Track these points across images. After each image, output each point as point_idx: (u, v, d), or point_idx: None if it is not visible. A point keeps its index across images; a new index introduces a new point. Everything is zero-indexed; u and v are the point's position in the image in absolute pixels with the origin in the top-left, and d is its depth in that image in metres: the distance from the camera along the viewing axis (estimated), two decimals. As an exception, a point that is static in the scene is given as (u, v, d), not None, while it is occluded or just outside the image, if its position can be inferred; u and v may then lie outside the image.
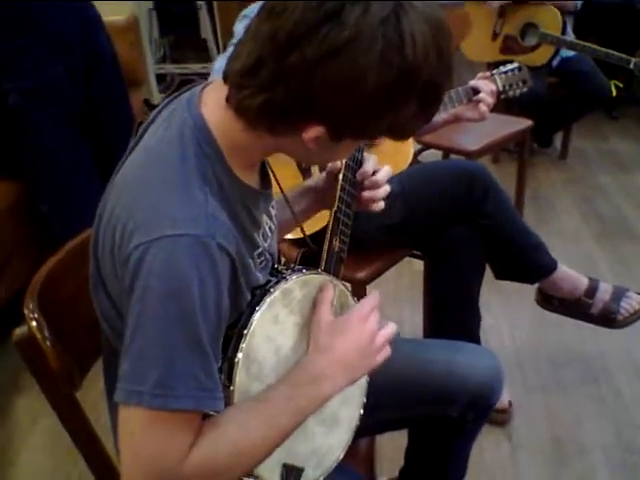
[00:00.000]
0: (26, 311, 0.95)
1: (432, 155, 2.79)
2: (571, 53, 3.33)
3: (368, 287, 1.76)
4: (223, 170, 0.86)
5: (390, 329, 0.97)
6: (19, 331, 0.94)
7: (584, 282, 1.89)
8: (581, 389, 2.11)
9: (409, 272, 2.55)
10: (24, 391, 2.20)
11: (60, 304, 1.01)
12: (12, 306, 2.35)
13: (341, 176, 1.14)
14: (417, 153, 2.60)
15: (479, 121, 1.81)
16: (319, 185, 1.22)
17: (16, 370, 2.23)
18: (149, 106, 0.81)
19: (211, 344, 0.80)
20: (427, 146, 2.71)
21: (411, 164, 1.83)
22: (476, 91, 1.79)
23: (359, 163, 1.18)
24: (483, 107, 1.77)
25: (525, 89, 1.91)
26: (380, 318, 0.97)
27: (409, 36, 0.76)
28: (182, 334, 0.78)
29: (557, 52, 3.27)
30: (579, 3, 3.27)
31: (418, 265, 2.08)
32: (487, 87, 1.79)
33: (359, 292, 1.72)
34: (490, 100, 1.78)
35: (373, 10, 0.75)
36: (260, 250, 0.95)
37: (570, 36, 3.25)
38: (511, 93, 1.89)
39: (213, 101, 0.87)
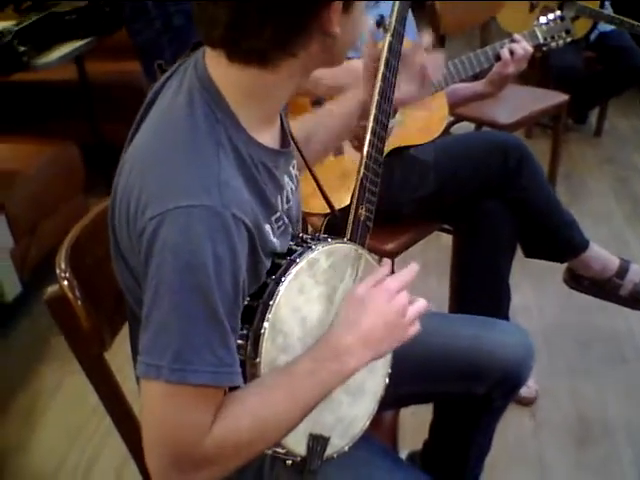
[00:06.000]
0: (58, 271, 0.95)
1: (464, 128, 2.75)
2: (609, 28, 3.27)
3: (396, 260, 1.74)
4: (237, 132, 0.84)
5: (421, 304, 0.96)
6: (51, 290, 0.94)
7: (615, 262, 1.85)
8: (608, 370, 2.09)
9: (437, 246, 2.53)
10: (50, 356, 2.24)
11: (91, 265, 1.01)
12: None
13: (367, 141, 1.06)
14: (449, 125, 2.56)
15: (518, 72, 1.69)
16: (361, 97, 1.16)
17: (43, 335, 2.26)
18: (163, 71, 0.81)
19: (228, 317, 0.79)
20: (460, 118, 2.67)
21: (442, 135, 1.79)
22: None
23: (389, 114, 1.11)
24: (519, 50, 1.65)
25: (569, 39, 1.79)
26: (410, 293, 0.95)
27: None
28: (199, 307, 0.76)
29: (595, 26, 3.21)
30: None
31: (446, 239, 2.06)
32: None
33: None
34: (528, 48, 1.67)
35: None
36: (278, 215, 0.92)
37: (608, 10, 3.17)
38: (554, 45, 1.79)
39: (215, 60, 0.85)
